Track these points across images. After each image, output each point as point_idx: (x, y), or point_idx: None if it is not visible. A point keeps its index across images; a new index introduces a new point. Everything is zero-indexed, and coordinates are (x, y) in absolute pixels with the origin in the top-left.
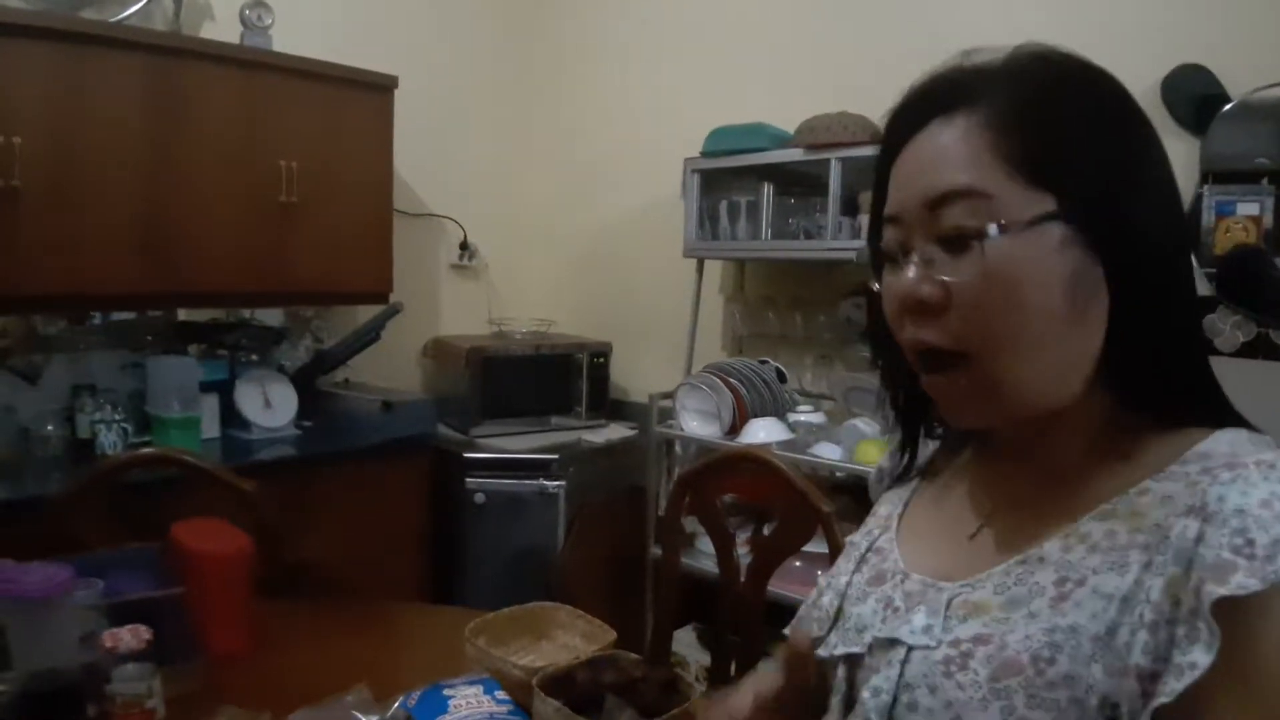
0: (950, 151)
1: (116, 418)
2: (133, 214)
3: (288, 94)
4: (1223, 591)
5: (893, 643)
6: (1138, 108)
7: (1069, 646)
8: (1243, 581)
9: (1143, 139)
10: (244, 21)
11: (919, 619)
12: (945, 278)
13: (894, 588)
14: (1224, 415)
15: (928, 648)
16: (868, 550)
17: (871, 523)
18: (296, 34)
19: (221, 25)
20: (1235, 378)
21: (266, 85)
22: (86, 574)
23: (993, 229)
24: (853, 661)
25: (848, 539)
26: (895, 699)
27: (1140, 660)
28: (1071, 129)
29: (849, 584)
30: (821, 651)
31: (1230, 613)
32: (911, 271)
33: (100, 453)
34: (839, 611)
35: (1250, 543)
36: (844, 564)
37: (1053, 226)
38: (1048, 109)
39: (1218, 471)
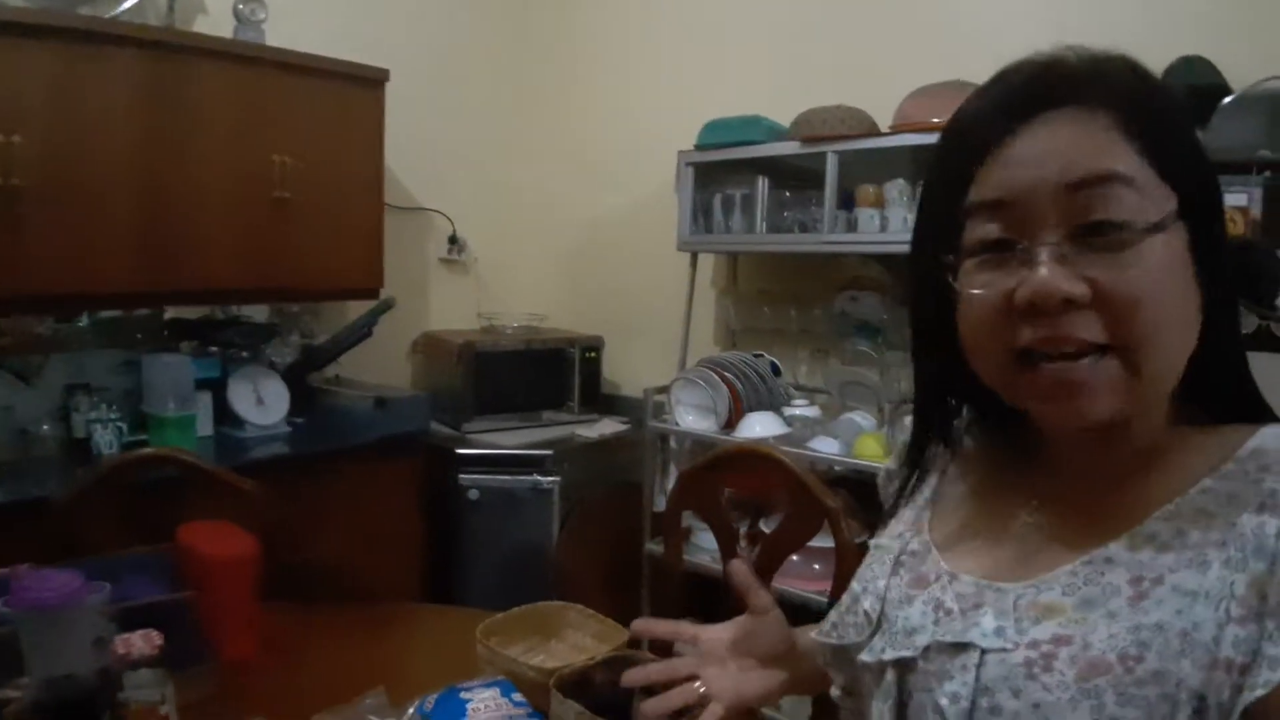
0: (1082, 140)
1: (112, 416)
2: (130, 211)
3: (281, 88)
4: None
5: (962, 647)
6: None
7: (1156, 644)
8: None
9: (1204, 146)
10: (237, 16)
11: (988, 621)
12: (1098, 273)
13: (942, 590)
14: (1261, 412)
15: (1004, 650)
16: (901, 554)
17: (896, 526)
18: (289, 28)
19: (215, 19)
20: None
21: (260, 80)
22: (93, 578)
23: (1144, 223)
24: (904, 666)
25: (872, 542)
26: (974, 703)
27: (1230, 654)
28: (1181, 129)
29: (888, 587)
30: (866, 657)
31: None
32: (1045, 268)
33: (96, 452)
34: (881, 615)
35: None
36: (878, 568)
37: (1180, 225)
38: (1161, 106)
39: (1275, 468)
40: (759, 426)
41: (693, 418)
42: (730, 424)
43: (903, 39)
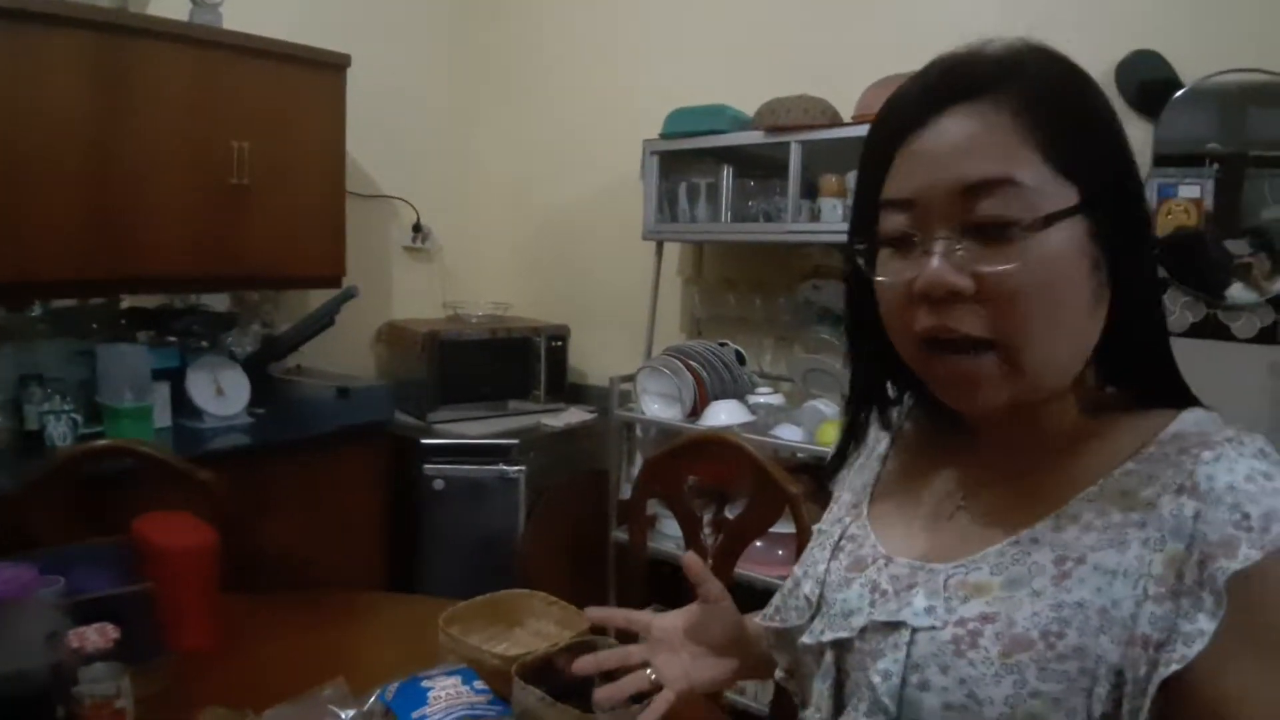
0: (981, 139)
1: (66, 408)
2: (77, 197)
3: (238, 73)
4: (1236, 566)
5: (894, 626)
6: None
7: (1077, 621)
8: (1247, 553)
9: (1125, 136)
10: None
11: (919, 601)
12: (983, 268)
13: (878, 572)
14: (1183, 397)
15: (933, 628)
16: (841, 538)
17: (838, 510)
18: (247, 11)
19: (169, 1)
20: (1185, 357)
21: (216, 64)
22: (47, 571)
23: (1030, 220)
24: (841, 647)
25: (815, 527)
26: (904, 680)
27: (1147, 630)
28: (1090, 123)
29: (827, 571)
30: (806, 639)
31: (1237, 584)
32: (936, 260)
33: (50, 444)
34: (820, 599)
35: (1246, 516)
36: (818, 552)
37: (1079, 219)
38: (1071, 102)
39: (1196, 451)
40: (723, 414)
41: (658, 406)
42: (695, 412)
43: (866, 29)
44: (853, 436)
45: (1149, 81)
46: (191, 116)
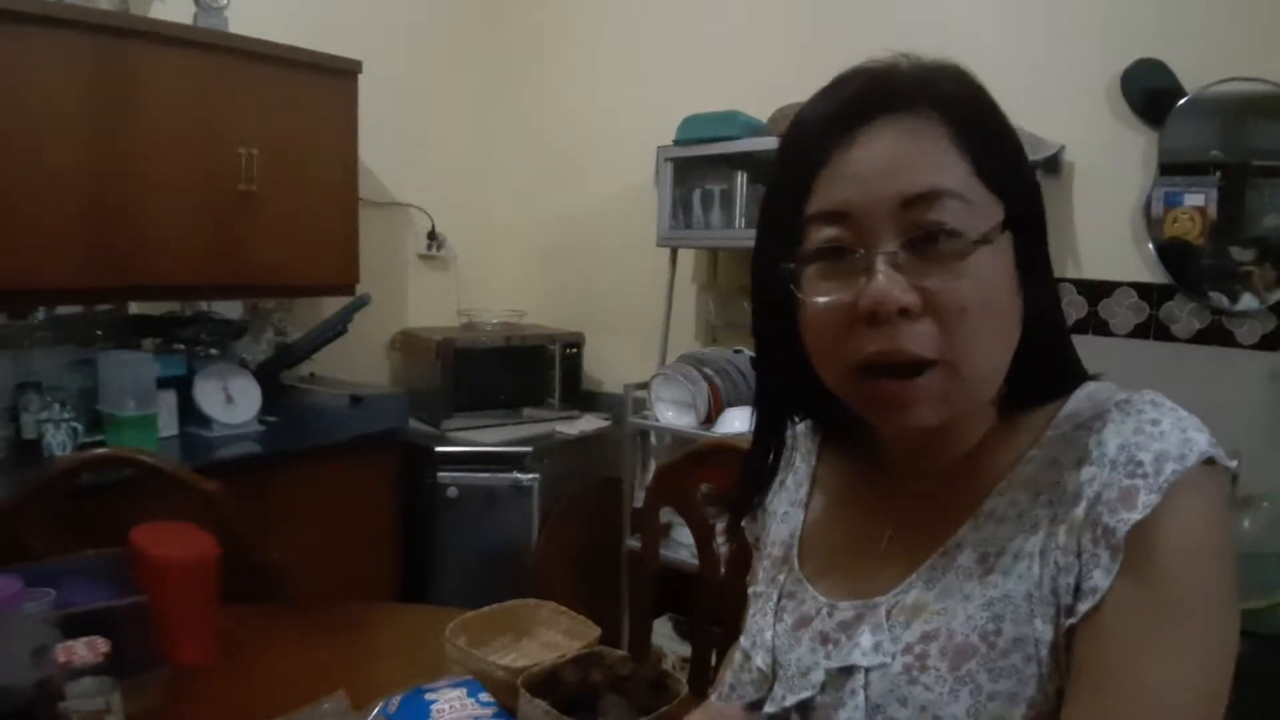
0: (914, 150)
1: (65, 416)
2: (79, 204)
3: (246, 78)
4: (1137, 517)
5: (847, 671)
6: None
7: (1009, 613)
8: (1146, 500)
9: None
10: (197, 2)
11: (866, 639)
12: (930, 284)
13: (822, 622)
14: (1077, 378)
15: (884, 665)
16: (780, 597)
17: (770, 567)
18: (254, 15)
19: (172, 4)
20: (1189, 363)
21: (223, 69)
22: (38, 584)
23: (978, 234)
24: (806, 707)
25: (750, 590)
26: None
27: (1068, 600)
28: (1009, 139)
29: (774, 636)
30: (769, 708)
31: (1135, 535)
32: (882, 277)
33: (48, 454)
34: (774, 664)
35: (1140, 465)
36: (760, 619)
37: (1007, 233)
38: (991, 117)
39: (1089, 424)
40: (738, 422)
41: (672, 414)
42: (710, 420)
43: (878, 35)
44: (763, 479)
45: (1153, 90)
46: (197, 122)
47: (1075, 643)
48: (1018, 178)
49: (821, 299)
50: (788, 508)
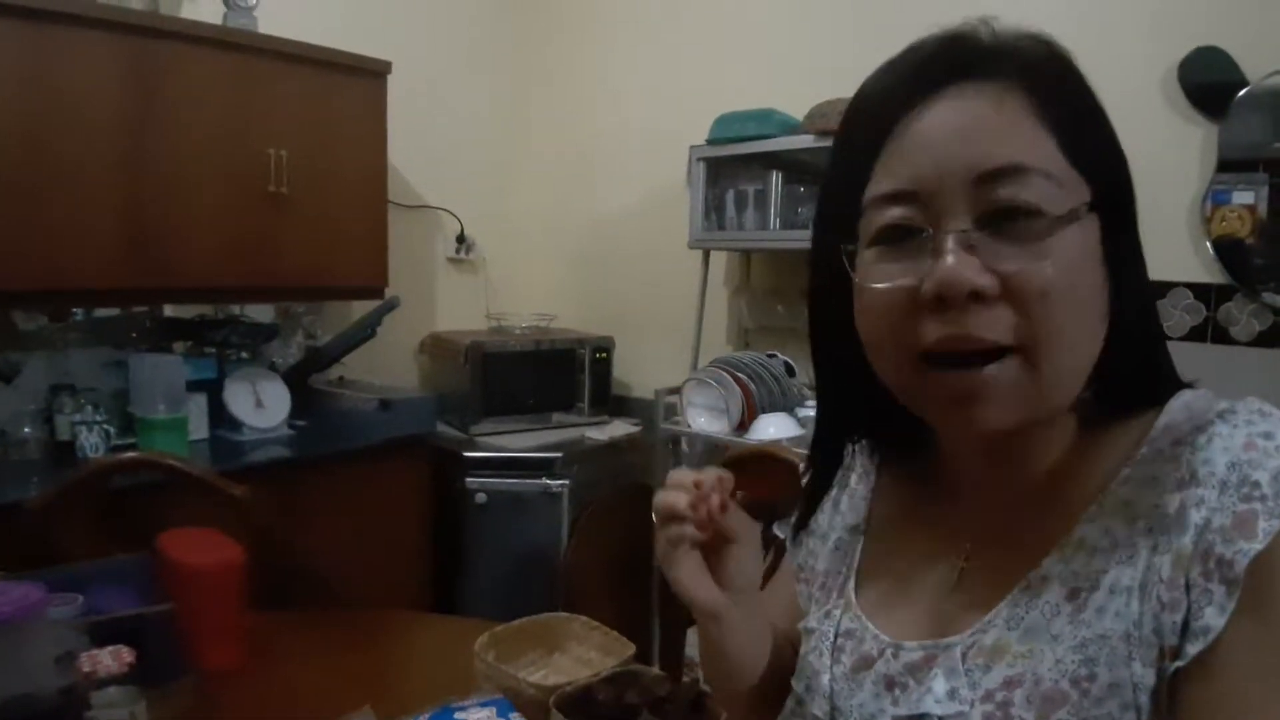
0: (993, 121)
1: (98, 419)
2: (111, 205)
3: (275, 79)
4: (1258, 547)
5: (919, 719)
6: None
7: (1104, 656)
8: (1266, 526)
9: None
10: (226, 2)
11: (939, 685)
12: (1007, 266)
13: (886, 664)
14: (1170, 387)
15: (962, 714)
16: (837, 637)
17: (820, 599)
18: (284, 16)
19: (202, 4)
20: (1253, 368)
21: (252, 69)
22: (65, 588)
23: (1059, 213)
24: None
25: (801, 626)
26: None
27: (1173, 641)
28: (1098, 116)
29: (831, 680)
30: None
31: (1255, 568)
32: (951, 258)
33: (81, 455)
34: (832, 712)
35: (1255, 484)
36: (815, 660)
37: (1093, 216)
38: (1080, 91)
39: (1189, 439)
40: (772, 428)
41: (705, 419)
42: (743, 425)
43: (916, 30)
44: (822, 490)
45: (1212, 80)
46: (227, 122)
47: (1183, 689)
48: (1108, 157)
49: (879, 284)
50: (841, 533)
